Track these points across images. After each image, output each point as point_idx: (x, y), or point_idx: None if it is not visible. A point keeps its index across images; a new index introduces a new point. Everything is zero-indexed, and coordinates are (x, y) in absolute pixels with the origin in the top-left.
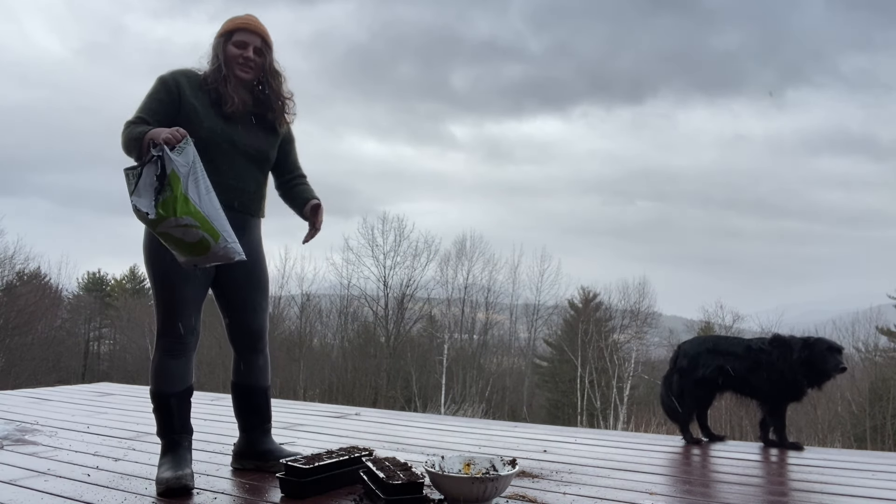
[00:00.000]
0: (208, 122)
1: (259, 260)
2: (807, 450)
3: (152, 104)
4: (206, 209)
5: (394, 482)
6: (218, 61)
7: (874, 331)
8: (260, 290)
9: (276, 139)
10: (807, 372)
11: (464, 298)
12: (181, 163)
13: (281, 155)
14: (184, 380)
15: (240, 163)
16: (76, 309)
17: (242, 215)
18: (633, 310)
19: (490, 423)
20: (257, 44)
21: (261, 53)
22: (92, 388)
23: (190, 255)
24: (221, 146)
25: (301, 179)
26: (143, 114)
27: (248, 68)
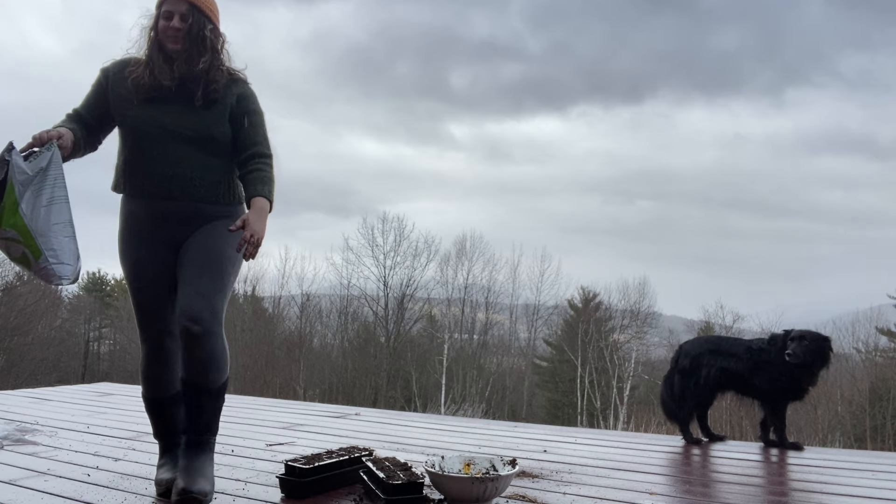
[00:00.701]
0: (133, 109)
1: (217, 247)
2: (807, 450)
3: (88, 97)
4: (37, 224)
5: (394, 482)
6: (147, 39)
7: (874, 331)
8: (211, 275)
9: (220, 113)
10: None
11: (464, 298)
12: (23, 169)
13: (234, 130)
14: (174, 384)
15: (174, 147)
16: (76, 309)
17: (190, 203)
18: (633, 310)
19: (490, 423)
20: (182, 10)
21: (186, 19)
22: (92, 388)
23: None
24: (151, 133)
25: (256, 162)
26: (80, 107)
27: (178, 39)
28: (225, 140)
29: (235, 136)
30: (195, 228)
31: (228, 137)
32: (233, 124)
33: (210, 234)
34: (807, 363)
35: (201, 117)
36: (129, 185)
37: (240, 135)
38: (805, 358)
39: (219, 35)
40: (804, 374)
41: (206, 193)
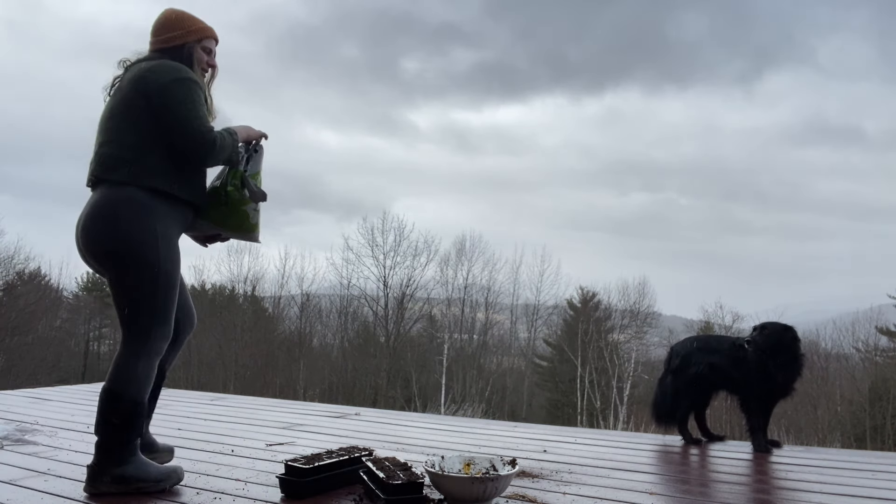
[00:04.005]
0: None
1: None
2: (807, 450)
3: (206, 111)
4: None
5: (394, 482)
6: (191, 63)
7: (874, 331)
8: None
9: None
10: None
11: (464, 298)
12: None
13: None
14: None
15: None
16: (76, 309)
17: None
18: (633, 310)
19: (490, 423)
20: (215, 48)
21: (216, 55)
22: (92, 388)
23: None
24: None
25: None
26: (207, 120)
27: (205, 73)
28: None
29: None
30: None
31: None
32: None
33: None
34: (767, 351)
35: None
36: (187, 191)
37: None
38: (763, 345)
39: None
40: (773, 364)
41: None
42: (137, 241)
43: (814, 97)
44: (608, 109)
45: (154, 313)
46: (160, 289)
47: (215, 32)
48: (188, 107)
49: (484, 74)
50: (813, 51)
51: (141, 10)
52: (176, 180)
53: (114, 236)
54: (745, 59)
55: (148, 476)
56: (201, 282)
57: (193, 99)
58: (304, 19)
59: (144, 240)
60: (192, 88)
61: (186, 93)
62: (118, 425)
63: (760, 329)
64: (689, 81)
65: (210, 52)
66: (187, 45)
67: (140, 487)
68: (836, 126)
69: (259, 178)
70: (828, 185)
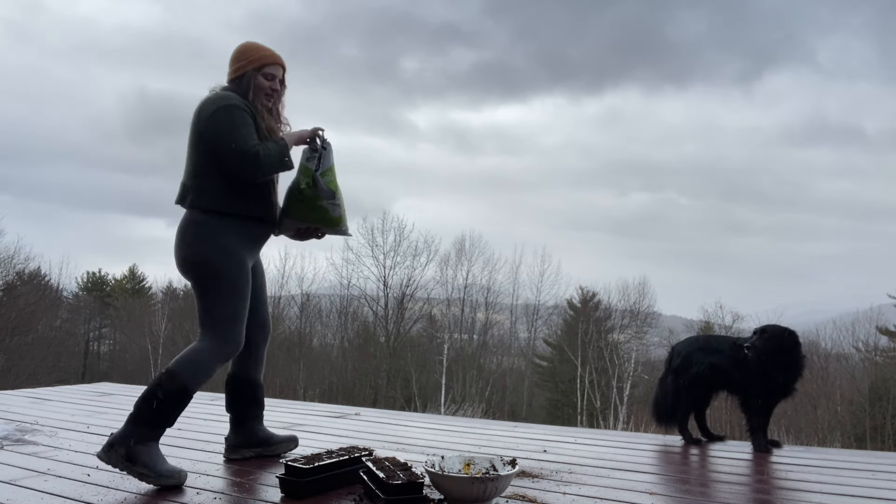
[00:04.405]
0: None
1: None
2: (807, 450)
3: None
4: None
5: (394, 482)
6: (248, 91)
7: (874, 331)
8: (266, 290)
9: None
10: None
11: (463, 298)
12: (330, 156)
13: None
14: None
15: (274, 183)
16: (76, 309)
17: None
18: (633, 310)
19: (490, 423)
20: (280, 75)
21: (282, 84)
22: (92, 388)
23: (322, 224)
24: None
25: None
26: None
27: (272, 97)
28: None
29: None
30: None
31: None
32: None
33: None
34: (767, 355)
35: None
36: (242, 207)
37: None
38: (764, 350)
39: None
40: (773, 366)
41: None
42: (201, 257)
43: (814, 97)
44: (608, 109)
45: (222, 318)
46: (225, 296)
47: (278, 59)
48: (228, 129)
49: (483, 74)
50: (813, 51)
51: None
52: (230, 199)
53: (183, 254)
54: (745, 59)
55: (154, 466)
56: None
57: (234, 122)
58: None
59: (207, 255)
60: (232, 113)
61: (227, 118)
62: (159, 403)
63: (760, 333)
64: (689, 81)
65: (272, 78)
66: (247, 75)
67: (142, 474)
68: (836, 126)
69: (333, 172)
70: (828, 185)
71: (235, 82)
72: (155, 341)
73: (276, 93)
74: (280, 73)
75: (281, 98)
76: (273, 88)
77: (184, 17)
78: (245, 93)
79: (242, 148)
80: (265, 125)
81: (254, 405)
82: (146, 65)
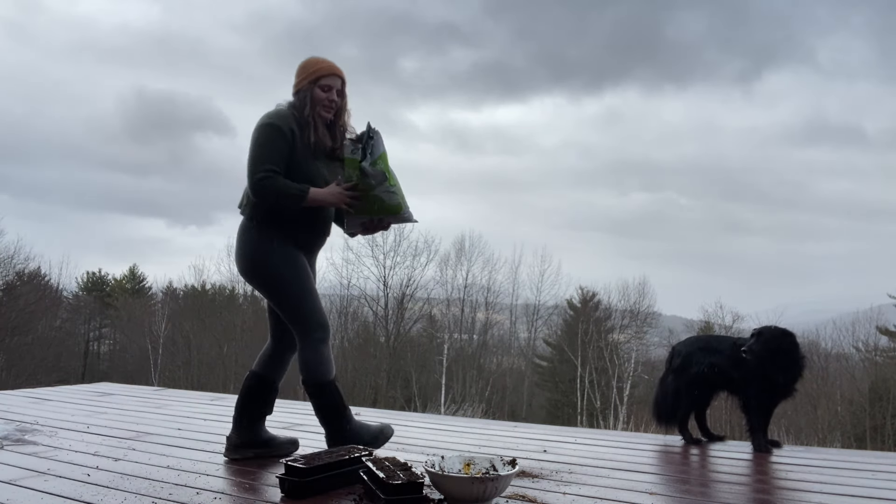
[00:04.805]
0: (308, 163)
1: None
2: (807, 450)
3: (273, 154)
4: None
5: (394, 482)
6: (306, 104)
7: (874, 331)
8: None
9: (337, 166)
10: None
11: (463, 298)
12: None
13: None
14: (333, 365)
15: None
16: (76, 309)
17: (326, 238)
18: (633, 310)
19: (490, 423)
20: (339, 86)
21: (341, 94)
22: (92, 388)
23: (386, 213)
24: (319, 184)
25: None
26: (272, 165)
27: (331, 109)
28: None
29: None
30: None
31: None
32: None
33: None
34: (765, 357)
35: (334, 170)
36: (298, 218)
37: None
38: (761, 353)
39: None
40: (772, 368)
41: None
42: (254, 261)
43: (814, 97)
44: (607, 109)
45: (295, 312)
46: (287, 292)
47: (335, 69)
48: (252, 147)
49: (483, 74)
50: (812, 51)
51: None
52: (280, 218)
53: (240, 262)
54: (745, 59)
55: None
56: (201, 282)
57: (260, 142)
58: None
59: (258, 259)
60: (263, 132)
61: (257, 135)
62: (322, 408)
63: (757, 336)
64: (689, 81)
65: (329, 89)
66: (303, 90)
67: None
68: (835, 126)
69: (385, 160)
70: (828, 185)
71: (297, 97)
72: (155, 341)
73: (334, 103)
74: (337, 84)
75: (342, 108)
76: (330, 100)
77: (183, 16)
78: (303, 107)
79: (251, 171)
80: (316, 139)
81: (264, 406)
82: (145, 65)
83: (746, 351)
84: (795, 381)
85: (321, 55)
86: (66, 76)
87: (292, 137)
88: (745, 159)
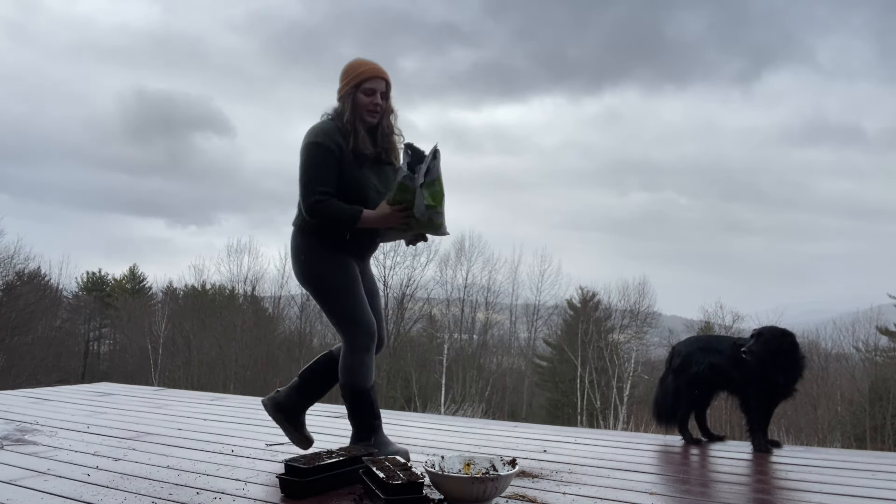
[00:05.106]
0: (354, 171)
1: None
2: (807, 450)
3: (329, 170)
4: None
5: (394, 482)
6: (347, 110)
7: (874, 331)
8: (380, 300)
9: (391, 170)
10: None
11: (463, 298)
12: (437, 167)
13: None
14: (373, 373)
15: (376, 202)
16: (76, 309)
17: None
18: (633, 310)
19: (490, 423)
20: (382, 89)
21: (385, 97)
22: (92, 388)
23: (426, 230)
24: (368, 193)
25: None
26: (325, 187)
27: (375, 113)
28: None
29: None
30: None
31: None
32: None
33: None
34: (765, 358)
35: (383, 175)
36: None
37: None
38: (761, 353)
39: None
40: (772, 368)
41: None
42: (304, 268)
43: (813, 97)
44: (607, 109)
45: (340, 318)
46: (335, 298)
47: (379, 72)
48: (302, 168)
49: (483, 74)
50: (812, 51)
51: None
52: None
53: (295, 269)
54: (744, 59)
55: (387, 447)
56: (201, 282)
57: (310, 163)
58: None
59: (307, 266)
60: (310, 152)
61: (305, 156)
62: (349, 408)
63: (757, 336)
64: (688, 81)
65: (372, 93)
66: (347, 94)
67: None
68: (835, 126)
69: (441, 182)
70: (828, 185)
71: (341, 102)
72: (155, 341)
73: (379, 107)
74: (381, 87)
75: (388, 112)
76: (375, 103)
77: (182, 16)
78: (343, 113)
79: (304, 192)
80: (355, 146)
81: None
82: (145, 65)
83: (747, 351)
84: (795, 381)
85: (322, 54)
86: (66, 76)
87: (339, 152)
88: (745, 159)
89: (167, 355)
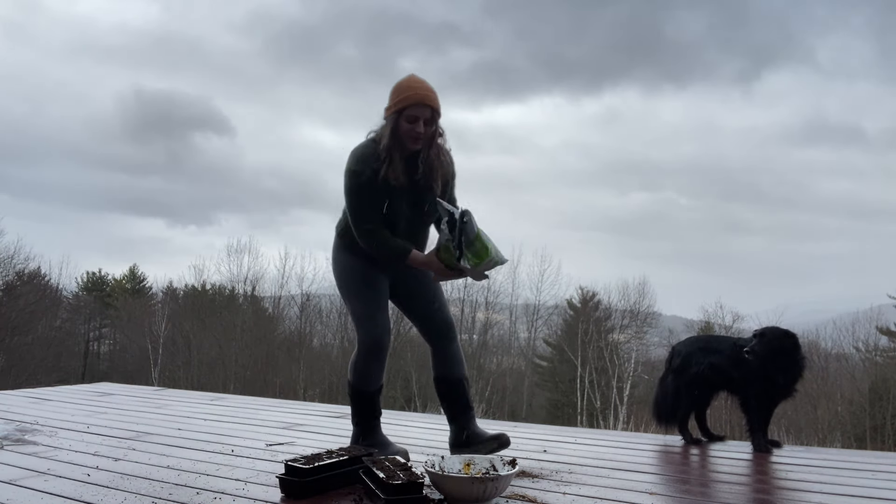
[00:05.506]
0: (385, 200)
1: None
2: (807, 450)
3: (371, 206)
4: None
5: (394, 482)
6: (386, 135)
7: (874, 331)
8: (436, 288)
9: (432, 195)
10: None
11: (463, 298)
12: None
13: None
14: (382, 375)
15: (416, 228)
16: (76, 309)
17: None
18: (633, 310)
19: (490, 423)
20: (427, 116)
21: (430, 123)
22: (92, 388)
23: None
24: (398, 220)
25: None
26: (372, 215)
27: (417, 141)
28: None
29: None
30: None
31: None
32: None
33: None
34: (767, 358)
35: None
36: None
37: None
38: (763, 354)
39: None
40: (773, 368)
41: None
42: (333, 270)
43: (813, 97)
44: (607, 109)
45: (354, 318)
46: (349, 300)
47: (423, 98)
48: (348, 199)
49: (483, 74)
50: (812, 50)
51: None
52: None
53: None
54: (744, 59)
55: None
56: (201, 282)
57: (350, 191)
58: (302, 18)
59: (336, 270)
60: (350, 182)
61: (346, 185)
62: (354, 404)
63: (759, 337)
64: (688, 81)
65: (415, 120)
66: (390, 119)
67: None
68: (835, 126)
69: (479, 240)
70: (828, 185)
71: (387, 123)
72: (155, 341)
73: (422, 135)
74: (426, 114)
75: (431, 139)
76: (417, 132)
77: (182, 16)
78: (384, 139)
79: (354, 220)
80: (386, 175)
81: (457, 403)
82: (145, 64)
83: (749, 352)
84: (795, 381)
85: (322, 53)
86: (66, 76)
87: (374, 177)
88: (745, 159)
89: (167, 355)
